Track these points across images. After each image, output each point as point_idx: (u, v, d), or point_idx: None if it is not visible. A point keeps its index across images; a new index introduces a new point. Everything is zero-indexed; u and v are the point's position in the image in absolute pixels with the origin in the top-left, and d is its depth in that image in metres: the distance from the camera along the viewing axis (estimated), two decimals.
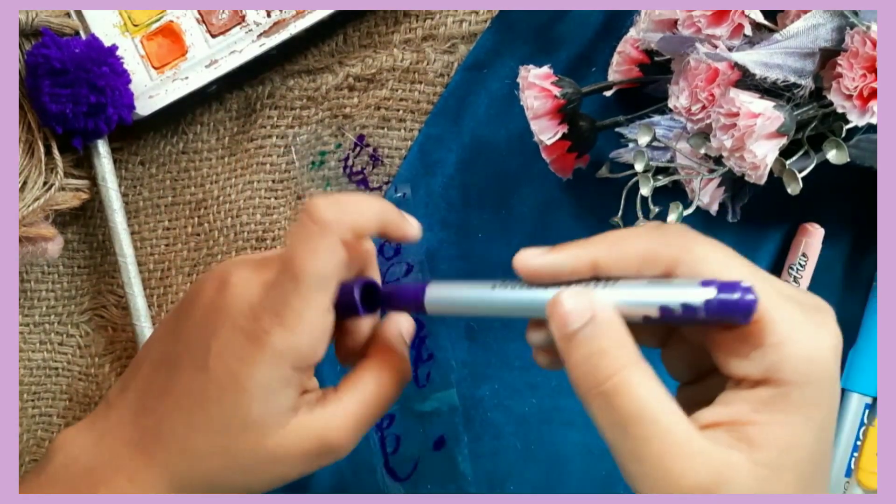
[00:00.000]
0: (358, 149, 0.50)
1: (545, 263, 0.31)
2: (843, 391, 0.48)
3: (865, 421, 0.47)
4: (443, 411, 0.50)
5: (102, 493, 0.35)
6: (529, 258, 0.32)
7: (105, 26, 0.49)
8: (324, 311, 0.33)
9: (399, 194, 0.50)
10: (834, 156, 0.40)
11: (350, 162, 0.50)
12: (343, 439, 0.35)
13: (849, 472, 0.47)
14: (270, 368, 0.33)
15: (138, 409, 0.36)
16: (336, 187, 0.50)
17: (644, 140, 0.44)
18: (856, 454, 0.47)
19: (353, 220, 0.34)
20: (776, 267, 0.48)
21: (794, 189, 0.40)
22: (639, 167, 0.45)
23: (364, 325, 0.37)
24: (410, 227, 0.36)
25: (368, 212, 0.34)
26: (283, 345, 0.33)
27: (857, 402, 0.47)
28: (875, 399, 0.47)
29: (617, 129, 0.47)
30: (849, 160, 0.40)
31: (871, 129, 0.40)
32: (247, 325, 0.33)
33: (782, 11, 0.41)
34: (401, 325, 0.37)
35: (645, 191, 0.45)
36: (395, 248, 0.50)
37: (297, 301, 0.33)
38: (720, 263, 0.30)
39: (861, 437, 0.47)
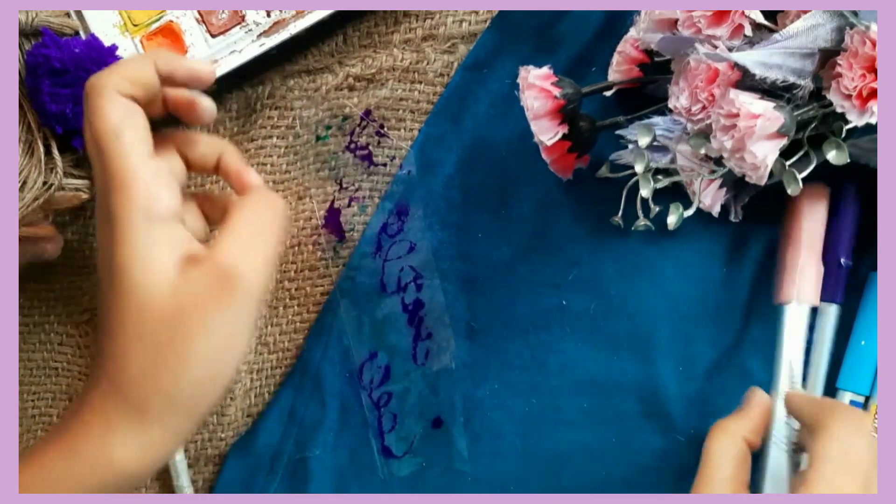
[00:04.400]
0: (364, 123, 0.50)
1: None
2: (835, 390, 0.48)
3: None
4: (441, 389, 0.50)
5: (77, 422, 0.35)
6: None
7: (105, 26, 0.49)
8: (140, 156, 0.34)
9: (404, 171, 0.50)
10: (834, 156, 0.40)
11: (355, 136, 0.50)
12: (243, 263, 0.35)
13: None
14: (124, 230, 0.34)
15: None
16: (341, 162, 0.50)
17: (644, 141, 0.44)
18: None
19: (127, 73, 0.35)
20: (771, 262, 0.49)
21: (794, 189, 0.40)
22: (639, 168, 0.45)
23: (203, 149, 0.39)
24: (197, 64, 0.37)
25: (140, 62, 0.36)
26: (118, 203, 0.34)
27: (846, 402, 0.47)
28: (867, 398, 0.47)
29: (617, 132, 0.47)
30: (849, 160, 0.40)
31: (871, 128, 0.40)
32: (99, 209, 0.35)
33: (782, 11, 0.41)
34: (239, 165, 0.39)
35: (645, 192, 0.45)
36: (398, 226, 0.50)
37: (108, 161, 0.34)
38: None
39: None
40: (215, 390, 0.36)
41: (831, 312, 0.47)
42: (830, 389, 0.48)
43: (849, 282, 0.47)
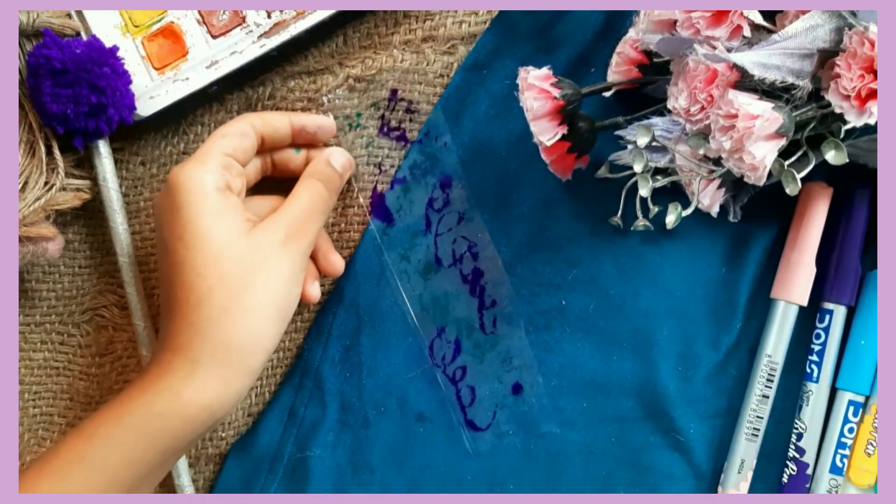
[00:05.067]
0: (392, 104, 0.50)
1: None
2: (835, 390, 0.48)
3: (851, 419, 0.47)
4: (514, 355, 0.49)
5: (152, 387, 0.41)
6: None
7: (106, 27, 0.49)
8: (226, 150, 0.44)
9: (440, 143, 0.50)
10: (832, 156, 0.40)
11: (387, 118, 0.50)
12: (306, 226, 0.44)
13: (838, 471, 0.47)
14: (195, 193, 0.42)
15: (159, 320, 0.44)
16: (377, 147, 0.50)
17: (643, 141, 0.44)
18: (844, 451, 0.47)
19: (269, 116, 0.47)
20: (770, 262, 0.49)
21: (792, 190, 0.40)
22: (637, 168, 0.45)
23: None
24: (320, 118, 0.49)
25: (279, 116, 0.47)
26: (191, 171, 0.42)
27: (845, 401, 0.47)
28: (866, 398, 0.47)
29: (616, 133, 0.47)
30: (847, 161, 0.40)
31: (870, 129, 0.40)
32: (166, 187, 0.43)
33: (781, 12, 0.41)
34: (331, 154, 0.47)
35: (644, 191, 0.45)
36: (444, 199, 0.50)
37: (204, 145, 0.44)
38: None
39: (847, 434, 0.47)
40: (280, 330, 0.43)
41: (840, 314, 0.48)
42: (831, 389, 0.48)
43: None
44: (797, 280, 0.47)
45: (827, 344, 0.47)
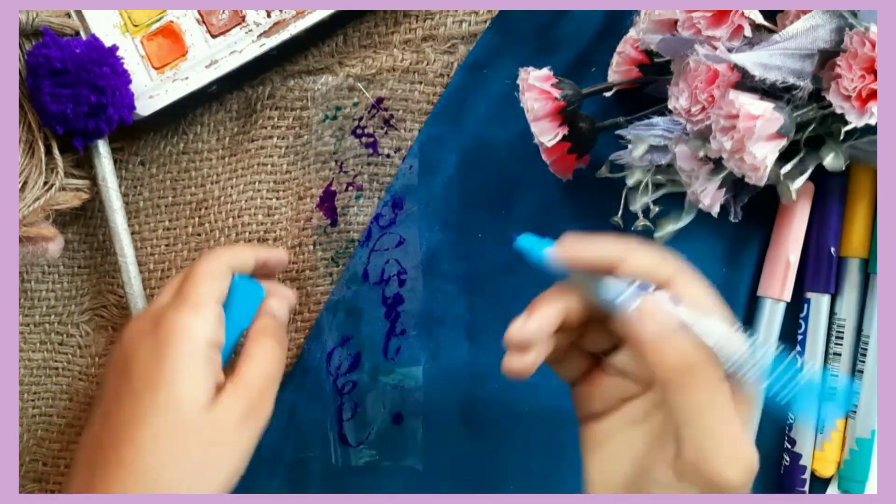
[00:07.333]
0: (374, 111, 0.49)
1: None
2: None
3: None
4: (406, 387, 0.50)
5: None
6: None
7: (105, 26, 0.49)
8: (218, 297, 0.41)
9: (406, 165, 0.50)
10: (830, 161, 0.40)
11: (363, 123, 0.50)
12: (264, 399, 0.41)
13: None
14: (186, 347, 0.39)
15: (90, 463, 0.39)
16: (346, 144, 0.50)
17: (639, 151, 0.44)
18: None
19: (236, 252, 0.44)
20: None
21: (787, 198, 0.40)
22: (631, 182, 0.45)
23: None
24: (279, 252, 0.47)
25: (247, 251, 0.45)
26: (189, 321, 0.39)
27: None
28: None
29: (617, 133, 0.47)
30: (843, 168, 0.40)
31: (870, 129, 0.40)
32: (152, 326, 0.40)
33: (782, 12, 0.41)
34: (272, 304, 0.44)
35: (644, 199, 0.45)
36: (391, 218, 0.50)
37: (195, 287, 0.40)
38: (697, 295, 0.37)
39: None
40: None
41: (823, 303, 0.48)
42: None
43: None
44: (775, 276, 0.47)
45: (807, 333, 0.48)
